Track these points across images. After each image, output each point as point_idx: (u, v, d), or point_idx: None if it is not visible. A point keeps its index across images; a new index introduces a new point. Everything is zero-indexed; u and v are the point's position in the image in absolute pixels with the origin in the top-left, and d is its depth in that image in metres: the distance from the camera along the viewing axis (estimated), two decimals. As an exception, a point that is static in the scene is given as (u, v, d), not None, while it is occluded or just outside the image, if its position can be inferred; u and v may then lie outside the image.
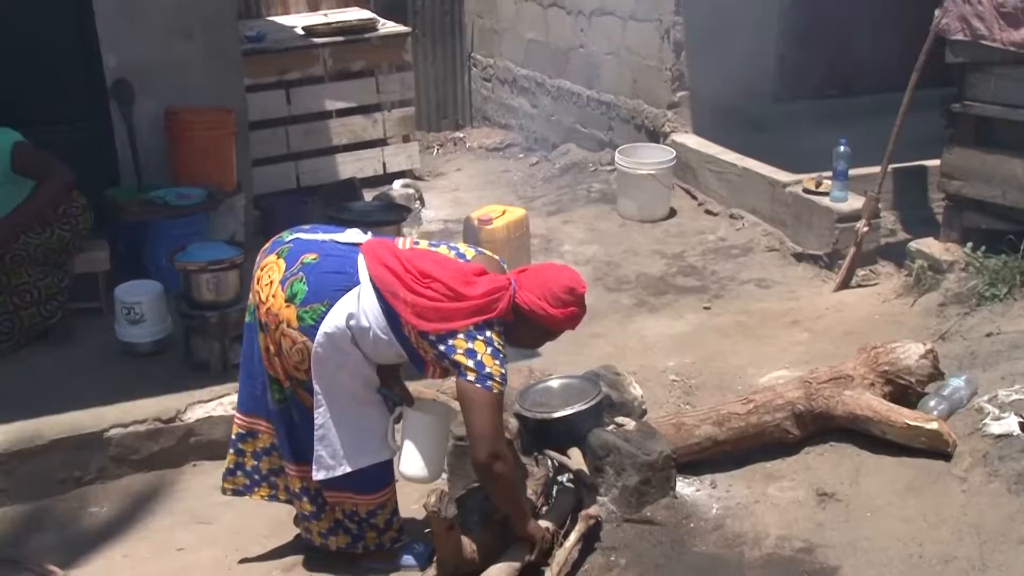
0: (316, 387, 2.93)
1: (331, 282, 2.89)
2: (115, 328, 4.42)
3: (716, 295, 5.43)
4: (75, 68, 5.20)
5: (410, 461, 3.05)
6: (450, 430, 3.28)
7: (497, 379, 2.82)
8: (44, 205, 4.38)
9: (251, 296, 3.06)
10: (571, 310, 2.96)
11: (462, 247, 3.10)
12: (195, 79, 5.37)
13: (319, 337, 2.86)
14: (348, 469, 3.01)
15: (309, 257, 2.94)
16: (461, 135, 9.18)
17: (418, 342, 2.88)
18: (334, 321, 2.85)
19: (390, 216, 5.04)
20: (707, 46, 6.64)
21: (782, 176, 5.96)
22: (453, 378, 3.48)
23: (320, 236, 3.05)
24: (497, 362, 2.83)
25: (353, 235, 3.07)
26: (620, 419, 3.65)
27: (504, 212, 5.42)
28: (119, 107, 5.26)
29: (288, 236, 3.08)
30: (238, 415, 3.22)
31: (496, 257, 3.14)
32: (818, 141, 5.98)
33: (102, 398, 3.98)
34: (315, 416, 2.96)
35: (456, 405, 3.24)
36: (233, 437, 3.25)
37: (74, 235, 4.52)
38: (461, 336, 2.82)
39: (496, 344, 2.85)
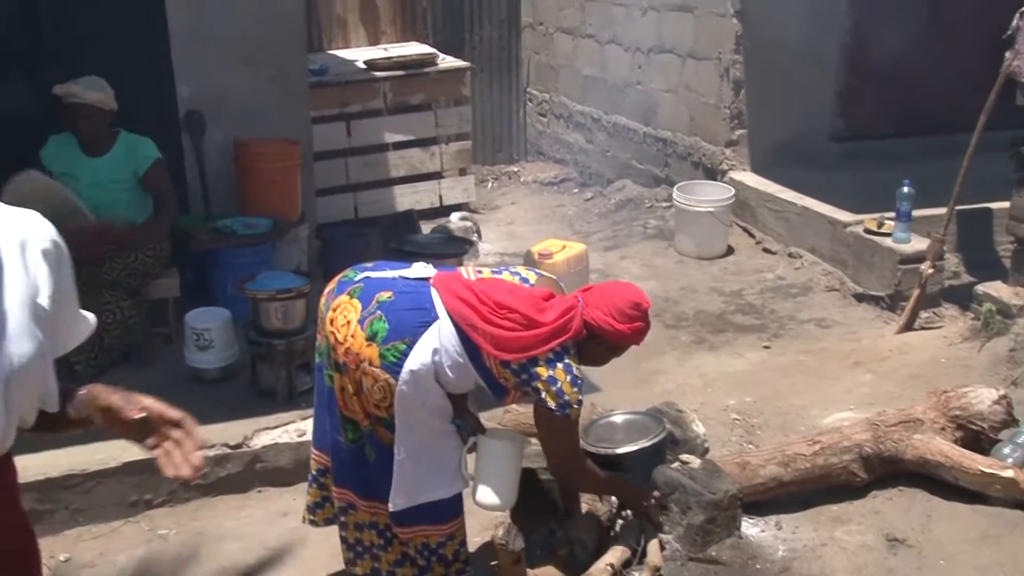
0: (398, 423, 2.94)
1: (410, 319, 2.90)
2: (184, 354, 4.49)
3: (776, 334, 5.40)
4: (150, 98, 5.34)
5: (485, 490, 3.06)
6: (522, 457, 3.28)
7: (575, 405, 2.89)
8: (162, 228, 4.73)
9: (320, 337, 3.06)
10: (637, 325, 2.99)
11: (523, 271, 3.13)
12: (263, 111, 5.46)
13: (404, 375, 2.87)
14: (423, 500, 3.01)
15: (384, 295, 2.95)
16: (515, 169, 9.25)
17: (499, 372, 2.90)
18: (419, 358, 2.86)
19: (453, 249, 5.09)
20: (766, 84, 6.67)
21: (843, 216, 5.93)
22: (515, 408, 3.48)
23: (389, 273, 3.06)
24: (576, 389, 2.88)
25: (420, 270, 3.08)
26: (685, 456, 3.64)
27: (564, 247, 5.45)
28: (190, 137, 5.38)
29: (355, 275, 3.07)
30: (314, 451, 3.24)
31: (554, 277, 3.21)
32: (878, 181, 5.96)
33: (172, 422, 4.03)
34: (395, 452, 2.97)
35: (520, 438, 3.24)
36: (313, 472, 3.25)
37: (156, 262, 4.69)
38: (542, 364, 2.86)
39: (575, 371, 2.90)
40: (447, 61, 7.78)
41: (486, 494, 3.06)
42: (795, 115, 6.72)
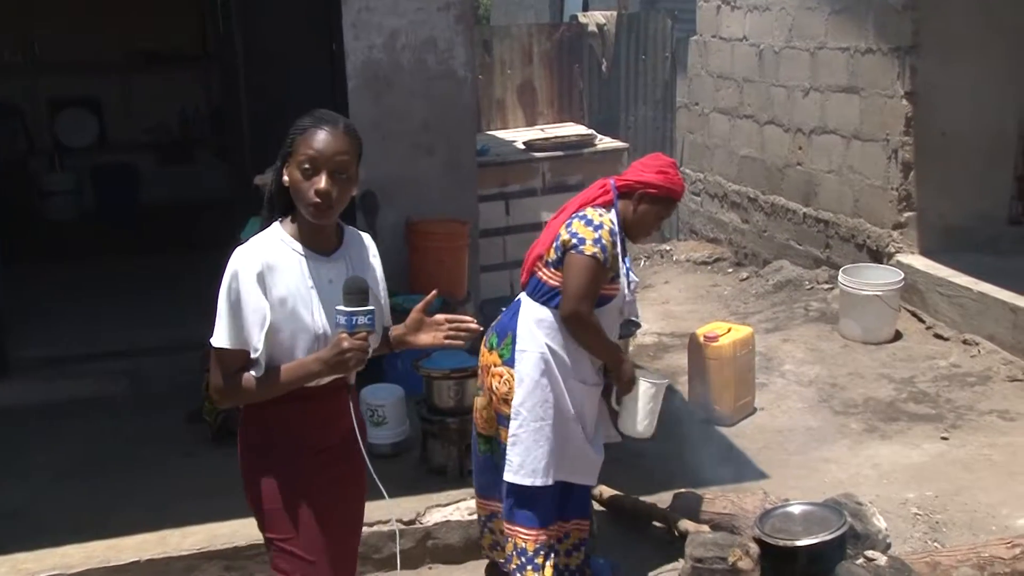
0: (516, 399, 3.35)
1: (506, 319, 3.48)
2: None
3: (953, 425, 5.15)
4: (330, 181, 5.61)
5: (628, 421, 3.49)
6: (662, 397, 3.54)
7: (589, 243, 3.21)
8: None
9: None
10: (664, 170, 3.36)
11: None
12: (434, 192, 5.66)
13: (522, 353, 3.37)
14: (539, 482, 3.37)
15: (495, 323, 3.57)
16: (668, 247, 9.24)
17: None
18: (526, 334, 3.37)
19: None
20: (937, 166, 6.50)
21: (1025, 303, 5.67)
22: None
23: None
24: (591, 230, 3.23)
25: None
26: (870, 553, 3.50)
27: (729, 330, 5.37)
28: (364, 217, 5.60)
29: None
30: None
31: None
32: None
33: (348, 496, 4.15)
34: (510, 427, 3.36)
35: (667, 381, 3.65)
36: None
37: None
38: (563, 229, 3.29)
39: (594, 219, 3.25)
40: (605, 142, 7.90)
41: (628, 425, 3.49)
42: (968, 198, 6.51)
